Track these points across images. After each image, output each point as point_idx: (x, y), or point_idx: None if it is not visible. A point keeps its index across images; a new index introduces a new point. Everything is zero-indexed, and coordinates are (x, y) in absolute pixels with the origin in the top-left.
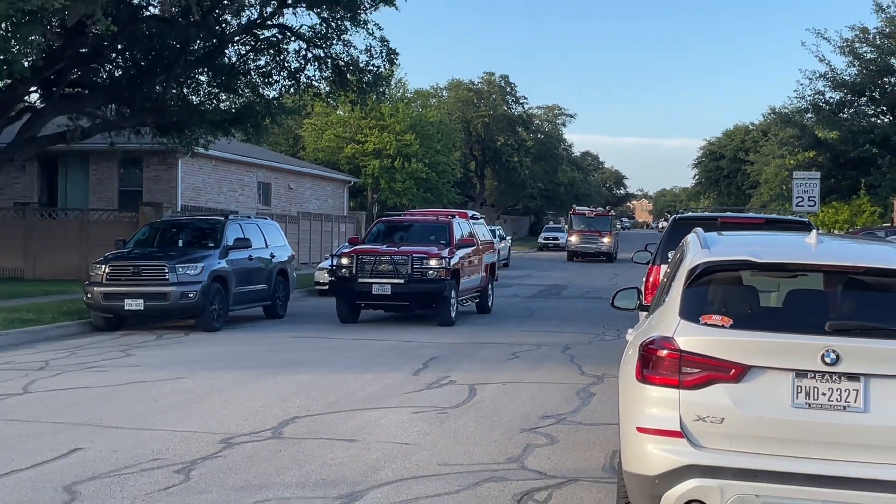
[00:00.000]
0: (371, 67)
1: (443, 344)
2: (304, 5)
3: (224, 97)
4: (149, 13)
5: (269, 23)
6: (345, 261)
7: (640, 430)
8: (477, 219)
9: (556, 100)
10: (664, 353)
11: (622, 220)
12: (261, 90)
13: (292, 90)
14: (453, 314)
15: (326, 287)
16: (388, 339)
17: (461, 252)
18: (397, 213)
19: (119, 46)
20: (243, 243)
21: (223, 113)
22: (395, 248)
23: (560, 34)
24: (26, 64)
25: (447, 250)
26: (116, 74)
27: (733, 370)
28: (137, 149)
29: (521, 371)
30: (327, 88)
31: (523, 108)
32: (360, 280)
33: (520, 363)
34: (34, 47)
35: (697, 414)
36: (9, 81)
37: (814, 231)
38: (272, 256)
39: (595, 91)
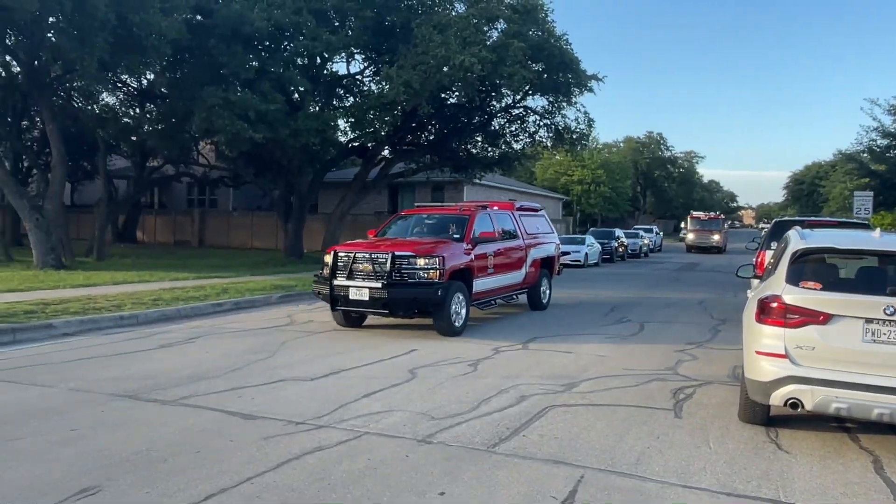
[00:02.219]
0: (578, 130)
1: (620, 297)
2: (538, 94)
3: (490, 149)
4: (449, 102)
5: (518, 105)
6: (327, 259)
7: (758, 352)
8: (533, 211)
9: (693, 146)
10: (775, 305)
11: (734, 223)
12: (512, 145)
13: (530, 144)
14: (458, 323)
15: None
16: (587, 293)
17: (484, 248)
18: (427, 205)
19: (433, 122)
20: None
21: (490, 159)
22: (378, 246)
23: (697, 100)
24: (383, 133)
25: (453, 247)
26: (431, 138)
27: (822, 317)
28: (441, 180)
29: (672, 314)
30: (551, 143)
31: (671, 152)
32: (336, 283)
33: (671, 310)
34: (388, 124)
35: (797, 344)
36: (374, 143)
37: (878, 229)
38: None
39: (718, 141)
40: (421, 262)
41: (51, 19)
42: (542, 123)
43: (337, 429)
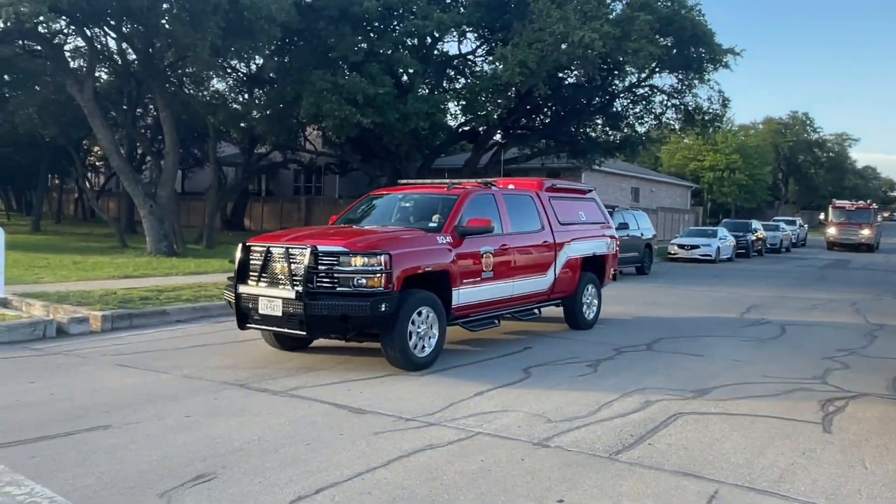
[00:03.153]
0: (710, 110)
1: (758, 295)
2: (666, 71)
3: (611, 133)
4: (568, 82)
5: (642, 84)
6: (238, 255)
7: None
8: (574, 193)
9: (846, 127)
10: None
11: (893, 215)
12: (636, 127)
13: (656, 127)
14: (422, 351)
15: (676, 255)
16: (720, 291)
17: (477, 242)
18: (411, 182)
19: (549, 104)
20: (623, 226)
21: (611, 143)
22: (303, 237)
23: (849, 74)
24: (496, 116)
25: (415, 241)
26: (546, 121)
27: None
28: (557, 166)
29: (818, 317)
30: (679, 125)
31: (818, 135)
32: (241, 290)
33: (818, 312)
34: (501, 106)
35: None
36: (486, 128)
37: None
38: (642, 235)
39: (875, 119)
40: (357, 261)
41: (164, 5)
42: (669, 104)
43: (448, 427)
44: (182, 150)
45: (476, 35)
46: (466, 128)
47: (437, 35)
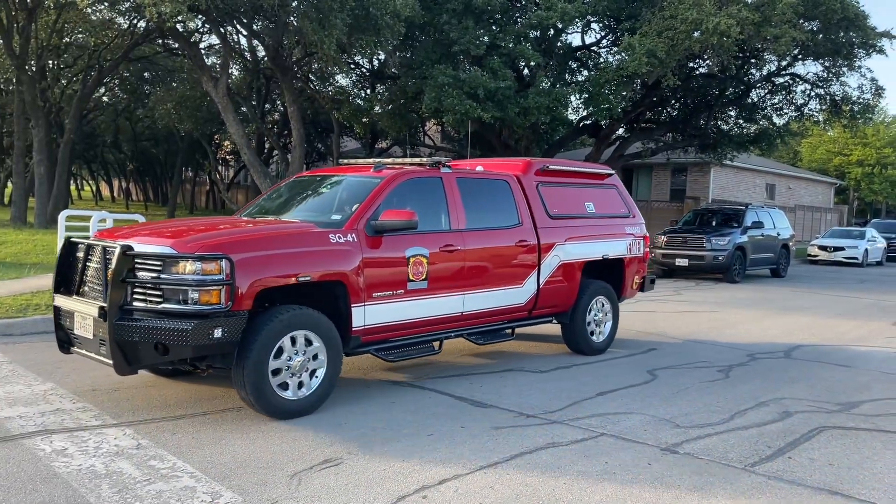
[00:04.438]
0: (861, 100)
1: None
2: (811, 58)
3: (745, 125)
4: (698, 72)
5: (783, 73)
6: (59, 254)
7: None
8: (578, 178)
9: None
10: None
11: None
12: (773, 120)
13: (797, 119)
14: (294, 392)
15: (815, 257)
16: (867, 297)
17: (403, 240)
18: (352, 162)
19: (678, 95)
20: (758, 225)
21: (745, 136)
22: (130, 233)
23: None
24: (620, 109)
25: (277, 240)
26: (674, 114)
27: None
28: (683, 162)
29: None
30: (822, 118)
31: None
32: (58, 302)
33: None
34: (625, 99)
35: None
36: (608, 121)
37: None
38: (778, 234)
39: None
40: (185, 267)
41: (294, 3)
42: (813, 93)
43: (571, 426)
44: (307, 144)
45: (601, 25)
46: (588, 121)
47: (560, 26)
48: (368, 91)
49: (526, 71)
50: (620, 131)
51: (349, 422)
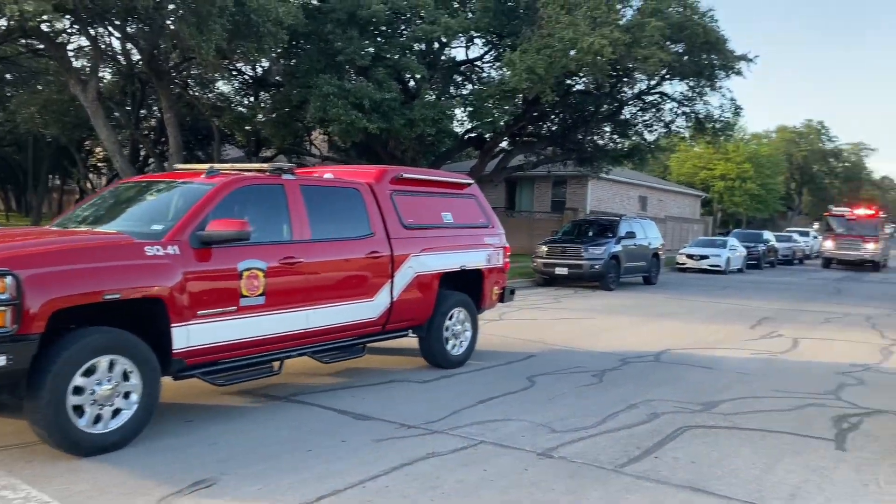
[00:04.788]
0: (722, 118)
1: (769, 308)
2: (677, 78)
3: (620, 141)
4: (575, 89)
5: (652, 91)
6: None
7: None
8: (436, 188)
9: (863, 136)
10: None
11: None
12: (644, 136)
13: (665, 135)
14: (96, 428)
15: (683, 265)
16: (728, 302)
17: (232, 257)
18: (184, 168)
19: (557, 111)
20: (631, 235)
21: (619, 151)
22: None
23: (866, 82)
24: (502, 123)
25: (105, 252)
26: (553, 129)
27: None
28: (563, 174)
29: (832, 331)
30: (689, 133)
31: (834, 144)
32: None
33: (831, 326)
34: (508, 113)
35: None
36: (492, 134)
37: None
38: (649, 244)
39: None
40: None
41: (170, 6)
42: (680, 111)
43: (451, 435)
44: (186, 152)
45: (484, 40)
46: (473, 134)
47: (444, 40)
48: (252, 98)
49: (412, 83)
50: (504, 144)
51: (224, 441)
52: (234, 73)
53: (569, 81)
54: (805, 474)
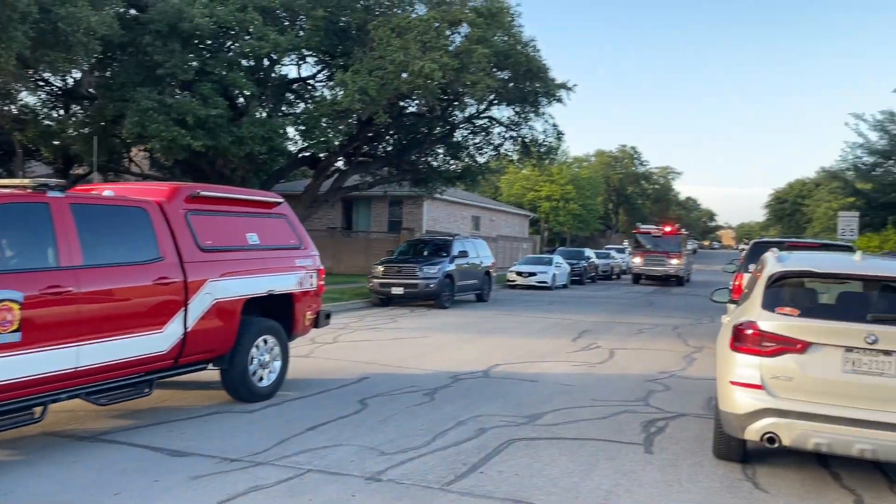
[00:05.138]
0: (546, 143)
1: (590, 321)
2: (504, 104)
3: (453, 162)
4: (409, 111)
5: (482, 115)
6: None
7: (733, 382)
8: (258, 208)
9: (670, 161)
10: (750, 332)
11: (713, 243)
12: (475, 158)
13: (495, 158)
14: None
15: (514, 282)
16: (554, 317)
17: None
18: None
19: (391, 132)
20: (464, 254)
21: (452, 172)
22: None
23: (673, 112)
24: (336, 143)
25: None
26: (388, 149)
27: (799, 345)
28: (399, 194)
29: (644, 341)
30: (517, 157)
31: (646, 168)
32: None
33: (644, 336)
34: (342, 133)
35: (773, 374)
36: (326, 154)
37: (859, 252)
38: (481, 262)
39: (696, 154)
40: None
41: None
42: (507, 135)
43: (277, 466)
44: None
45: (316, 59)
46: (307, 153)
47: (274, 57)
48: (61, 111)
49: (241, 100)
50: (339, 164)
51: (21, 488)
52: (41, 83)
53: (402, 103)
54: (617, 478)
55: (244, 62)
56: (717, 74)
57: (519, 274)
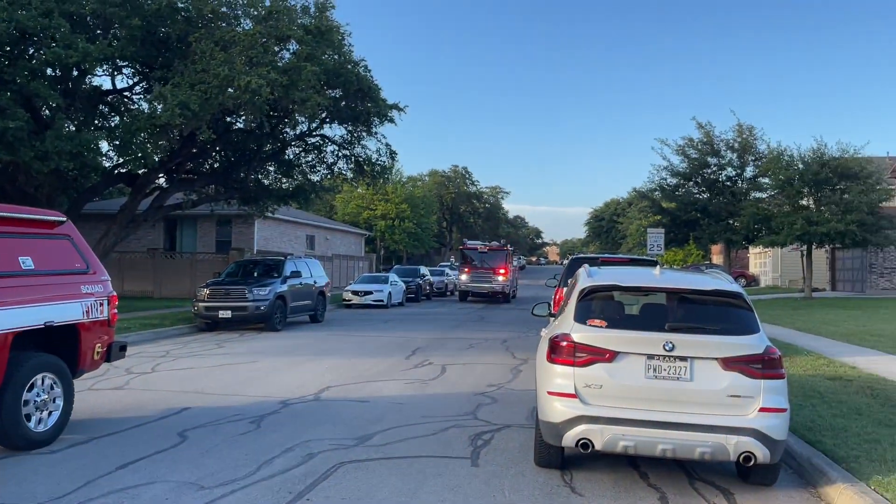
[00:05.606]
0: (379, 162)
1: (424, 338)
2: (336, 122)
3: (285, 180)
4: (236, 127)
5: (314, 133)
6: None
7: (550, 393)
8: (32, 228)
9: (499, 181)
10: (564, 343)
11: (540, 259)
12: (308, 176)
13: (328, 176)
14: None
15: (350, 302)
16: (389, 335)
17: None
18: None
19: (217, 148)
20: (296, 274)
21: (284, 191)
22: None
23: (502, 134)
24: (156, 159)
25: None
26: (215, 166)
27: (608, 354)
28: (228, 213)
29: (475, 356)
30: (351, 175)
31: (476, 187)
32: None
33: (474, 350)
34: (161, 149)
35: (585, 383)
36: (145, 170)
37: (658, 266)
38: (315, 282)
39: (523, 175)
40: None
41: None
42: (341, 154)
43: None
44: None
45: (133, 70)
46: (123, 170)
47: (84, 67)
48: None
49: (47, 112)
50: (161, 181)
51: None
52: None
53: (228, 119)
54: (444, 494)
55: (49, 71)
56: (542, 97)
57: (355, 293)
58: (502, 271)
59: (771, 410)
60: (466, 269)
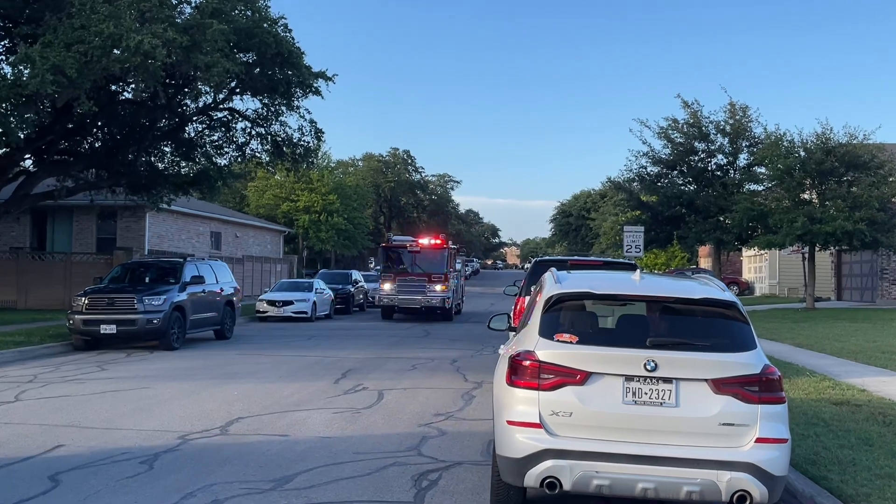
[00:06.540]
0: (302, 143)
1: (357, 357)
2: (249, 93)
3: (184, 164)
4: (123, 97)
5: (221, 106)
6: None
7: (510, 422)
8: None
9: (447, 169)
10: (527, 363)
11: (497, 263)
12: (214, 159)
13: (239, 159)
14: None
15: (265, 314)
16: (314, 354)
17: None
18: None
19: (99, 123)
20: (198, 280)
21: (183, 177)
22: None
23: (454, 116)
24: (21, 136)
25: None
26: (97, 145)
27: (579, 375)
28: (112, 204)
29: (418, 379)
30: (267, 159)
31: (421, 175)
32: None
33: (417, 373)
34: (28, 123)
35: (552, 410)
36: (7, 150)
37: (638, 270)
38: (221, 290)
39: (477, 162)
40: None
41: None
42: (254, 132)
43: None
44: None
45: None
46: None
47: None
48: None
49: None
50: (28, 163)
51: None
52: None
53: (114, 87)
54: None
55: None
56: (495, 74)
57: (271, 303)
58: (439, 279)
59: (769, 441)
60: (391, 276)
